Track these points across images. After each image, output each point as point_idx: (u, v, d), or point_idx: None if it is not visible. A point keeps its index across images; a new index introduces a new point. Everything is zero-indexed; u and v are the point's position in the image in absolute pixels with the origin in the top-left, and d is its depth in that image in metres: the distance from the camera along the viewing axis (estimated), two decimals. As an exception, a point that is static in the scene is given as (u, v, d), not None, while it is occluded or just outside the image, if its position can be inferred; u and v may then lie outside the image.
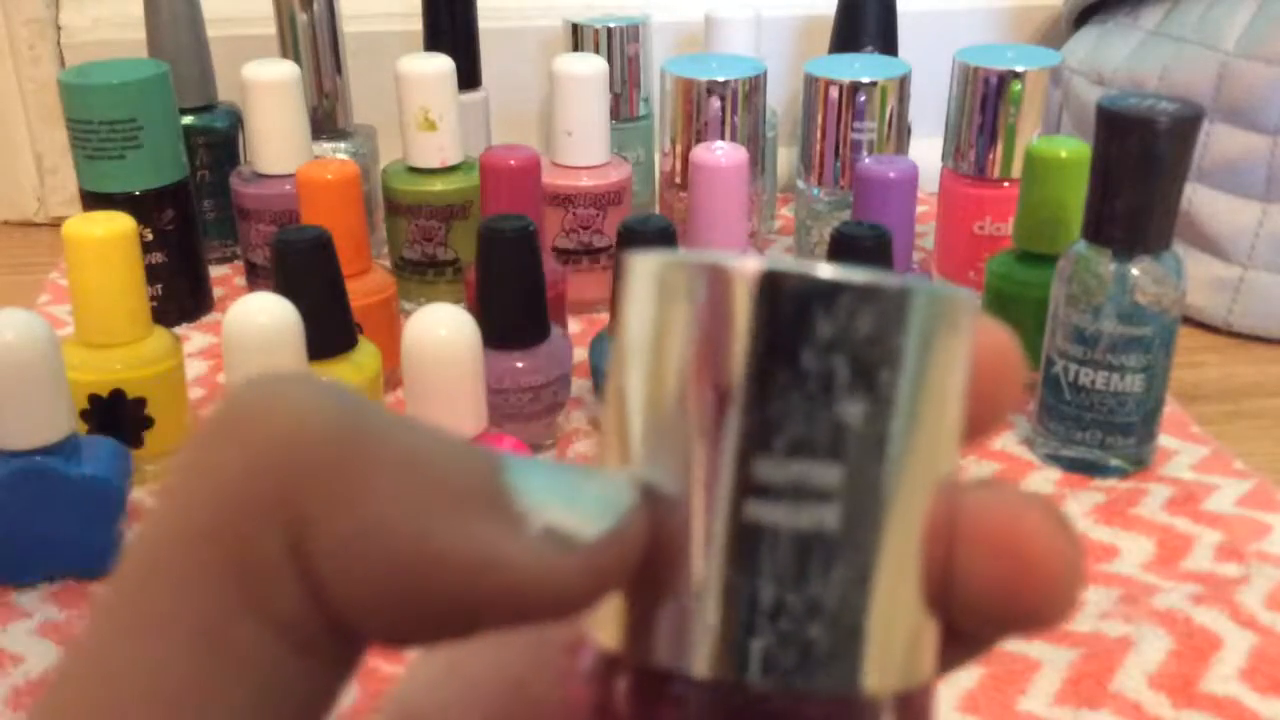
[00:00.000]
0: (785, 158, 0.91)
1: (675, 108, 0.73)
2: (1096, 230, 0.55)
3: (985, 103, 0.70)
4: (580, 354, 0.66)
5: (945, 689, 0.45)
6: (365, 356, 0.60)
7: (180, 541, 0.14)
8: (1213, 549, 0.53)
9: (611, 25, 0.80)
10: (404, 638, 0.14)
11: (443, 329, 0.49)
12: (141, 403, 0.56)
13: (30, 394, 0.48)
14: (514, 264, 0.58)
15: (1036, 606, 0.15)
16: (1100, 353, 0.56)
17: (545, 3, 0.90)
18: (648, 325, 0.15)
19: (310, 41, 0.78)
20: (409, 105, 0.71)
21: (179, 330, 0.72)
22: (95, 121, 0.67)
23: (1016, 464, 0.60)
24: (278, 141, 0.71)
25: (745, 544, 0.14)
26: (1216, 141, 0.73)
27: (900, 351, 0.14)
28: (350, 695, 0.44)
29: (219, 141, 0.79)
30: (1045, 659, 0.47)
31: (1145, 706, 0.44)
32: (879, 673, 0.15)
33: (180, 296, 0.73)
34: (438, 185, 0.72)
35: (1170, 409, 0.62)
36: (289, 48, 0.79)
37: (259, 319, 0.50)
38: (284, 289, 0.53)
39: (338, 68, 0.80)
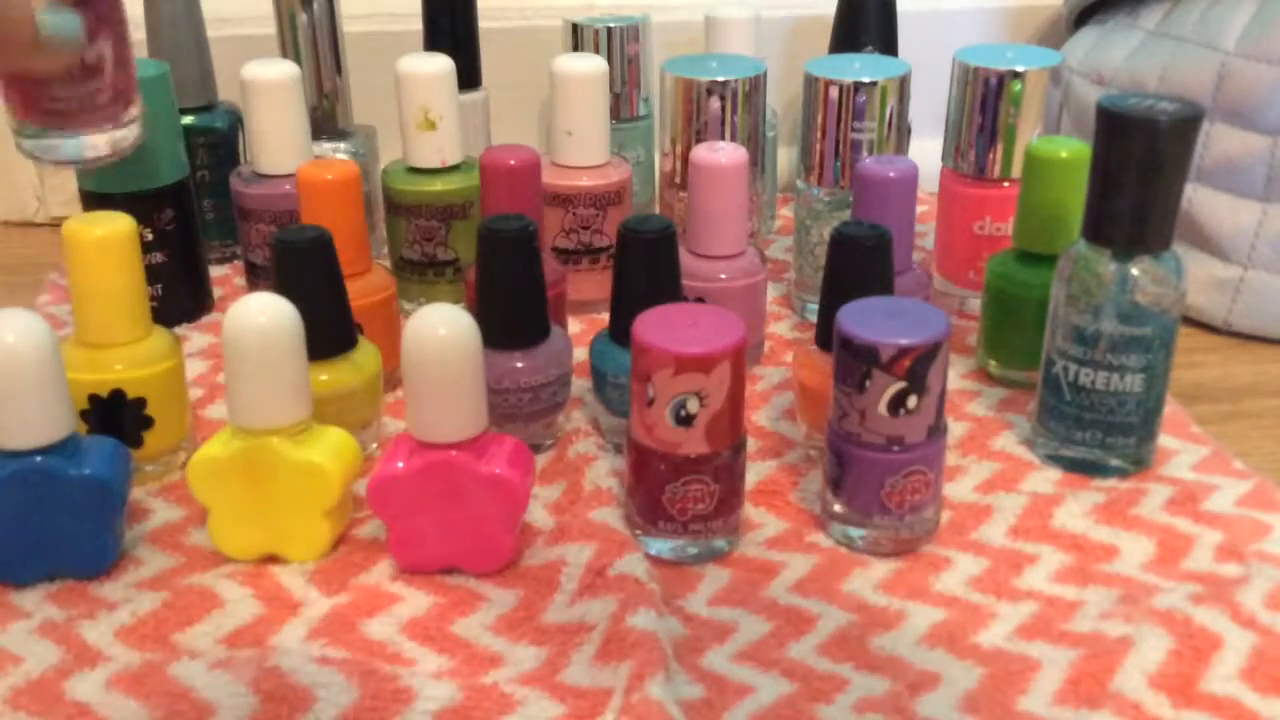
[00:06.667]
0: (785, 158, 0.92)
1: (675, 108, 0.74)
2: (1096, 230, 0.55)
3: (985, 103, 0.70)
4: (580, 354, 0.66)
5: (946, 689, 0.45)
6: (365, 356, 0.60)
7: None
8: (1213, 549, 0.53)
9: (611, 25, 0.80)
10: None
11: (443, 329, 0.49)
12: (141, 403, 0.56)
13: (30, 394, 0.48)
14: (514, 264, 0.58)
15: None
16: (1100, 353, 0.56)
17: (545, 3, 0.90)
18: None
19: (310, 41, 0.78)
20: (409, 105, 0.71)
21: (179, 330, 0.72)
22: (95, 121, 0.67)
23: (1016, 464, 0.60)
24: (278, 141, 0.72)
25: None
26: (1216, 141, 0.73)
27: None
28: (351, 695, 0.44)
29: (219, 141, 0.79)
30: (1045, 659, 0.47)
31: (1145, 706, 0.44)
32: None
33: (180, 296, 0.73)
34: (438, 185, 0.72)
35: (1170, 409, 0.62)
36: (289, 48, 0.79)
37: (259, 319, 0.50)
38: (284, 289, 0.53)
39: (338, 68, 0.80)
